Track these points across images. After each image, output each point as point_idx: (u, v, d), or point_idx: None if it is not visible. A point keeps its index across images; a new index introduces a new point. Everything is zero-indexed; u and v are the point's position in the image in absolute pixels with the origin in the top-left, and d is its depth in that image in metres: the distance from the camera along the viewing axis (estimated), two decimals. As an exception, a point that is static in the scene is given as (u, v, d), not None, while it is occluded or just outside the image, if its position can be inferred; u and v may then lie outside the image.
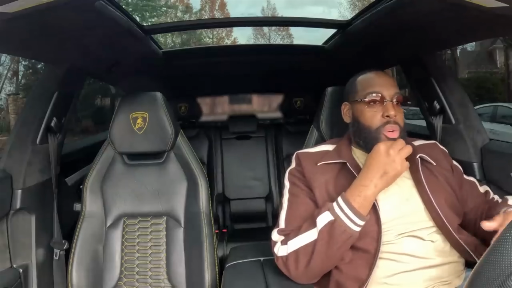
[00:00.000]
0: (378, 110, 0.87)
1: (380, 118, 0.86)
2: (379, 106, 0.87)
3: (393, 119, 0.85)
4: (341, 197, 0.78)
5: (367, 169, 0.78)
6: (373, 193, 0.77)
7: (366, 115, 0.88)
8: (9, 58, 11.24)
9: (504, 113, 6.59)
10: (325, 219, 0.77)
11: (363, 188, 0.77)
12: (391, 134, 0.84)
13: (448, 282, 0.79)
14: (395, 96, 0.87)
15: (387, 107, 0.86)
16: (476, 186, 0.94)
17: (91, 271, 1.13)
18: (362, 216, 0.76)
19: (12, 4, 0.62)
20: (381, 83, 0.89)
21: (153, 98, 1.18)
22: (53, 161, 1.16)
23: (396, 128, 0.85)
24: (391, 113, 0.85)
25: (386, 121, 0.85)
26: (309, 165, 0.90)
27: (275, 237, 0.86)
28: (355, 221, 0.76)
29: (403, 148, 0.77)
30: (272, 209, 2.23)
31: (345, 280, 0.80)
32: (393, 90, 0.88)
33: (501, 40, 12.02)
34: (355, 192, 0.77)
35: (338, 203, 0.78)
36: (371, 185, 0.76)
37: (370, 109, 0.88)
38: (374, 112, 0.87)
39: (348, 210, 0.76)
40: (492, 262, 0.40)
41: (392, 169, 0.76)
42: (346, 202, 0.77)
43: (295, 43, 15.47)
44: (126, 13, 0.98)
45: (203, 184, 1.18)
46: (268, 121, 2.58)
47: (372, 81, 0.90)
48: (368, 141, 0.87)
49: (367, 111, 0.88)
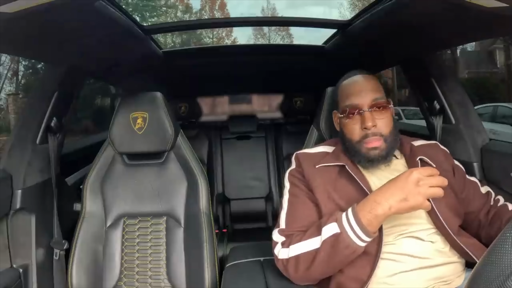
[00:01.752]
0: (356, 122, 0.86)
1: (359, 130, 0.85)
2: (357, 117, 0.86)
3: (372, 130, 0.84)
4: (351, 209, 0.75)
5: (387, 187, 0.73)
6: (385, 213, 0.71)
7: (347, 127, 0.88)
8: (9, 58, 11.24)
9: (504, 113, 6.59)
10: (330, 231, 0.75)
11: (376, 205, 0.72)
12: (373, 144, 0.84)
13: (448, 282, 0.79)
14: (373, 103, 0.85)
15: (364, 118, 0.84)
16: (478, 187, 0.94)
17: (91, 271, 1.13)
18: (370, 233, 0.72)
19: (12, 4, 0.62)
20: (356, 92, 0.87)
21: (153, 98, 1.18)
22: (53, 161, 1.16)
23: (377, 139, 0.84)
24: (368, 125, 0.83)
25: (365, 134, 0.84)
26: (309, 166, 0.90)
27: (276, 238, 0.85)
28: (361, 237, 0.72)
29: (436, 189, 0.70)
30: (272, 209, 2.23)
31: (346, 281, 0.80)
32: (369, 98, 0.85)
33: (501, 40, 12.02)
34: (367, 208, 0.72)
35: (347, 216, 0.74)
36: (385, 204, 0.71)
37: (350, 121, 0.87)
38: (353, 124, 0.86)
39: (355, 225, 0.73)
40: (492, 262, 0.40)
41: (414, 200, 0.69)
42: (355, 216, 0.73)
43: (295, 43, 15.49)
44: (126, 13, 0.97)
45: (203, 184, 1.18)
46: (268, 121, 2.58)
47: (348, 91, 0.89)
48: (352, 153, 0.87)
49: (347, 124, 0.88)
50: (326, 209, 0.84)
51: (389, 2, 0.90)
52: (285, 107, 2.50)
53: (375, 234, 0.74)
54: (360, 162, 0.87)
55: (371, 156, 0.85)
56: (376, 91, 0.87)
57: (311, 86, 2.15)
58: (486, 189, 0.95)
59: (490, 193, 0.94)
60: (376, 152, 0.84)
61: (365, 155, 0.85)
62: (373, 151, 0.84)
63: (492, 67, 13.76)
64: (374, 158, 0.85)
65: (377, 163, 0.85)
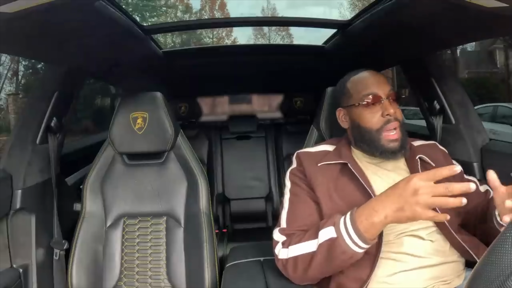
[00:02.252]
0: (376, 110, 0.87)
1: (380, 118, 0.86)
2: (377, 106, 0.87)
3: (393, 116, 0.86)
4: (350, 214, 0.73)
5: (386, 195, 0.70)
6: (381, 222, 0.69)
7: (365, 117, 0.88)
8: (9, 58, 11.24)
9: (504, 113, 6.59)
10: (327, 234, 0.74)
11: (373, 213, 0.70)
12: (393, 136, 0.85)
13: (448, 281, 0.79)
14: (390, 94, 0.87)
15: (385, 106, 0.86)
16: (477, 186, 0.94)
17: (91, 271, 1.13)
18: (367, 240, 0.71)
19: (12, 4, 0.62)
20: (374, 83, 0.89)
21: (153, 98, 1.18)
22: (53, 161, 1.16)
23: (397, 125, 0.86)
24: (390, 111, 0.85)
25: (387, 120, 0.86)
26: (310, 165, 0.90)
27: (277, 237, 0.86)
28: (358, 243, 0.71)
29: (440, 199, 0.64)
30: (272, 209, 2.23)
31: (346, 281, 0.80)
32: (387, 88, 0.88)
33: (501, 40, 12.01)
34: (364, 214, 0.71)
35: (345, 221, 0.73)
36: (382, 213, 0.69)
37: (369, 111, 0.87)
38: (373, 113, 0.87)
39: (352, 231, 0.71)
40: (492, 262, 0.40)
41: (410, 211, 0.65)
42: (353, 222, 0.72)
43: (295, 43, 15.47)
44: (126, 13, 0.97)
45: (203, 184, 1.18)
46: (268, 121, 2.58)
47: (365, 82, 0.90)
48: (371, 143, 0.87)
49: (366, 114, 0.88)
50: (326, 208, 0.84)
51: (389, 2, 0.90)
52: (285, 107, 2.50)
53: (373, 241, 0.72)
54: (382, 154, 0.87)
55: (391, 147, 0.86)
56: (389, 84, 0.90)
57: (311, 86, 2.15)
58: (485, 188, 0.95)
59: (488, 192, 0.94)
60: (396, 144, 0.86)
61: (385, 146, 0.86)
62: (393, 143, 0.86)
63: (492, 67, 13.75)
64: (394, 149, 0.86)
65: (397, 154, 0.86)
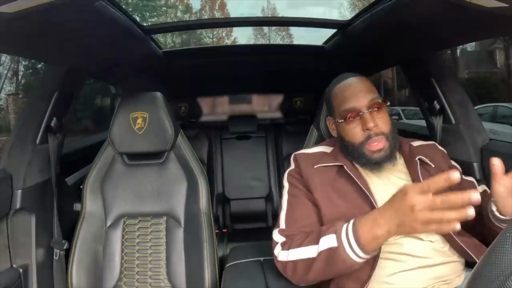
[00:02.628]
0: (357, 124, 0.85)
1: (362, 132, 0.84)
2: (357, 120, 0.85)
3: (374, 130, 0.83)
4: (352, 224, 0.71)
5: (385, 209, 0.67)
6: (384, 236, 0.67)
7: (347, 132, 0.87)
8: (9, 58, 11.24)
9: (504, 113, 6.59)
10: (328, 243, 0.73)
11: (376, 226, 0.67)
12: (376, 146, 0.83)
13: (448, 281, 0.79)
14: (371, 104, 0.84)
15: (365, 120, 0.83)
16: (475, 187, 0.95)
17: (91, 271, 1.13)
18: (368, 251, 0.69)
19: (12, 4, 0.62)
20: (353, 95, 0.86)
21: (153, 98, 1.18)
22: (53, 161, 1.16)
23: (380, 139, 0.83)
24: (370, 126, 0.83)
25: (368, 135, 0.84)
26: (307, 166, 0.90)
27: (276, 238, 0.86)
28: (359, 254, 0.70)
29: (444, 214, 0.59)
30: (272, 209, 2.23)
31: (346, 281, 0.80)
32: (366, 99, 0.84)
33: (501, 40, 12.02)
34: (367, 226, 0.68)
35: (347, 230, 0.71)
36: (384, 227, 0.66)
37: (349, 125, 0.86)
38: (353, 128, 0.85)
39: (354, 242, 0.70)
40: (492, 262, 0.40)
41: (410, 227, 0.62)
42: (355, 232, 0.70)
43: (295, 43, 15.48)
44: (126, 13, 0.97)
45: (203, 184, 1.18)
46: (268, 121, 2.58)
47: (344, 95, 0.88)
48: (356, 156, 0.86)
49: (347, 129, 0.87)
50: (326, 209, 0.84)
51: (389, 2, 0.90)
52: (285, 107, 2.50)
53: (374, 252, 0.71)
54: (365, 165, 0.86)
55: (376, 158, 0.84)
56: (371, 91, 0.87)
57: (311, 86, 2.15)
58: (483, 188, 0.95)
59: (486, 192, 0.94)
60: (381, 154, 0.84)
61: (369, 158, 0.84)
62: (378, 154, 0.83)
63: (492, 67, 13.75)
64: (379, 160, 0.84)
65: (384, 164, 0.85)
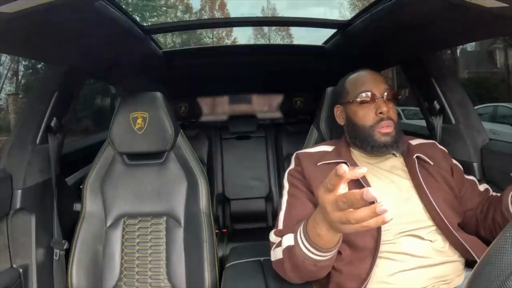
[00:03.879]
0: (370, 108, 0.88)
1: (374, 116, 0.87)
2: (371, 104, 0.88)
3: (386, 115, 0.86)
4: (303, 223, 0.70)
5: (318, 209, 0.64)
6: (327, 234, 0.63)
7: (359, 114, 0.89)
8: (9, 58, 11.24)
9: (504, 113, 6.59)
10: (287, 241, 0.74)
11: (316, 225, 0.64)
12: (386, 129, 0.86)
13: (448, 281, 0.79)
14: (385, 92, 0.88)
15: (379, 104, 0.87)
16: (476, 185, 0.95)
17: (91, 271, 1.13)
18: (321, 249, 0.67)
19: (12, 4, 0.62)
20: (370, 81, 0.90)
21: (153, 98, 1.18)
22: (53, 161, 1.16)
23: (390, 124, 0.87)
24: (383, 110, 0.86)
25: (380, 118, 0.87)
26: (309, 165, 0.90)
27: (273, 239, 0.86)
28: (312, 251, 0.68)
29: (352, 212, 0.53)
30: (272, 209, 2.23)
31: (345, 280, 0.80)
32: (382, 87, 0.89)
33: (501, 40, 12.02)
34: (310, 225, 0.67)
35: (301, 229, 0.70)
36: (323, 226, 0.63)
37: (363, 108, 0.89)
38: (366, 110, 0.88)
39: (304, 239, 0.69)
40: (492, 262, 0.40)
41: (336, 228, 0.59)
42: (304, 231, 0.69)
43: (295, 43, 15.48)
44: (126, 13, 0.97)
45: (203, 184, 1.18)
46: (268, 121, 2.58)
47: (361, 80, 0.91)
48: (363, 140, 0.88)
49: (360, 111, 0.89)
50: None
51: (389, 2, 0.90)
52: (285, 107, 2.50)
53: (331, 249, 0.67)
54: (373, 148, 0.87)
55: (383, 141, 0.86)
56: (386, 83, 0.90)
57: (311, 86, 2.15)
58: (485, 187, 0.95)
59: (488, 190, 0.94)
60: (388, 138, 0.86)
61: (377, 140, 0.86)
62: (385, 137, 0.86)
63: (492, 67, 13.75)
64: (386, 143, 0.86)
65: (389, 149, 0.87)
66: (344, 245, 0.81)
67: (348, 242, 0.81)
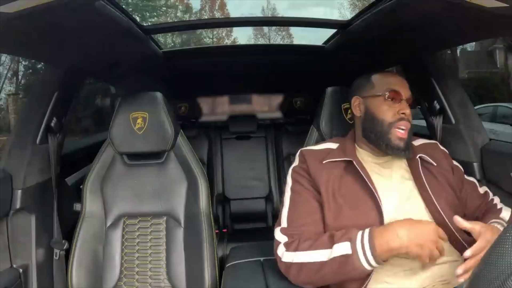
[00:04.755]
0: (394, 106, 0.89)
1: (395, 114, 0.88)
2: (395, 103, 0.89)
3: (407, 117, 0.88)
4: (368, 233, 0.75)
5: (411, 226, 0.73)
6: (397, 250, 0.73)
7: (382, 108, 0.90)
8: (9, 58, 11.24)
9: (504, 113, 6.58)
10: (342, 250, 0.75)
11: (395, 239, 0.72)
12: (401, 134, 0.87)
13: (448, 281, 0.79)
14: (408, 97, 0.90)
15: (403, 105, 0.89)
16: (476, 188, 0.95)
17: (91, 271, 1.13)
18: (380, 261, 0.73)
19: (12, 4, 0.62)
20: (399, 83, 0.92)
21: (153, 98, 1.18)
22: (53, 161, 1.16)
23: (408, 126, 0.88)
24: (407, 112, 0.88)
25: (400, 117, 0.88)
26: (315, 162, 0.90)
27: (278, 237, 0.85)
28: (372, 263, 0.73)
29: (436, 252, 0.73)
30: (272, 209, 2.23)
31: (346, 281, 0.80)
32: (408, 92, 0.91)
33: (501, 40, 12.01)
34: (385, 237, 0.73)
35: (362, 239, 0.74)
36: (403, 243, 0.72)
37: (387, 104, 0.90)
38: (390, 107, 0.89)
39: (368, 251, 0.73)
40: (492, 262, 0.40)
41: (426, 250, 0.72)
42: (371, 242, 0.73)
43: (295, 43, 15.47)
44: (126, 13, 0.97)
45: (203, 184, 1.18)
46: (268, 121, 2.58)
47: (391, 79, 0.93)
48: (380, 135, 0.89)
49: (384, 106, 0.90)
50: (328, 206, 0.84)
51: (389, 2, 0.90)
52: (285, 107, 2.50)
53: (384, 262, 0.74)
54: (387, 146, 0.88)
55: (397, 144, 0.87)
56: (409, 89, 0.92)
57: (311, 86, 2.15)
58: (484, 189, 0.95)
59: (487, 194, 0.94)
60: (402, 143, 0.87)
61: (392, 141, 0.87)
62: (400, 142, 0.87)
63: (492, 67, 13.74)
64: (400, 147, 0.87)
65: (401, 153, 0.88)
66: None
67: None
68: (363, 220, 0.80)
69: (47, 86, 1.13)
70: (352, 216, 0.82)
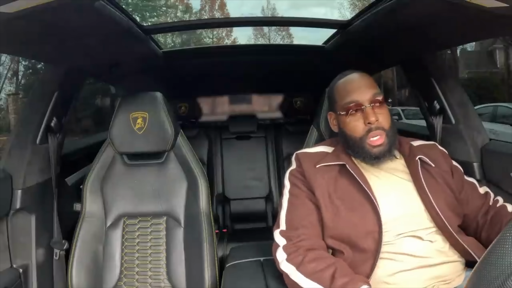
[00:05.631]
0: (359, 118, 0.86)
1: (363, 126, 0.85)
2: (359, 113, 0.86)
3: (375, 124, 0.85)
4: None
5: None
6: None
7: (348, 125, 0.88)
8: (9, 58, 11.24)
9: (504, 113, 6.59)
10: None
11: None
12: (376, 141, 0.84)
13: (448, 281, 0.79)
14: (373, 99, 0.86)
15: (367, 113, 0.85)
16: (476, 188, 0.94)
17: (91, 271, 1.13)
18: None
19: (12, 4, 0.62)
20: (355, 89, 0.88)
21: (153, 98, 1.18)
22: (53, 161, 1.16)
23: (380, 133, 0.85)
24: (371, 120, 0.84)
25: (368, 128, 0.85)
26: (309, 166, 0.90)
27: (278, 239, 0.85)
28: None
29: None
30: (272, 209, 2.23)
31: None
32: (369, 93, 0.86)
33: (501, 40, 12.02)
34: None
35: None
36: None
37: (351, 118, 0.87)
38: (355, 121, 0.87)
39: None
40: (492, 262, 0.40)
41: None
42: None
43: (295, 43, 15.48)
44: (126, 13, 0.97)
45: (203, 184, 1.18)
46: (268, 121, 2.58)
47: (346, 89, 0.89)
48: (355, 150, 0.87)
49: (349, 122, 0.88)
50: (326, 209, 0.84)
51: (389, 2, 0.90)
52: (285, 107, 2.50)
53: None
54: (365, 159, 0.87)
55: (375, 153, 0.85)
56: (373, 87, 0.88)
57: (311, 86, 2.15)
58: (485, 190, 0.95)
59: (488, 194, 0.94)
60: (380, 149, 0.85)
61: (368, 152, 0.85)
62: (377, 148, 0.85)
63: (492, 67, 13.75)
64: (379, 154, 0.85)
65: (383, 158, 0.86)
66: (346, 246, 0.82)
67: (350, 243, 0.81)
68: (361, 221, 0.81)
69: (47, 86, 1.13)
70: (350, 217, 0.82)
